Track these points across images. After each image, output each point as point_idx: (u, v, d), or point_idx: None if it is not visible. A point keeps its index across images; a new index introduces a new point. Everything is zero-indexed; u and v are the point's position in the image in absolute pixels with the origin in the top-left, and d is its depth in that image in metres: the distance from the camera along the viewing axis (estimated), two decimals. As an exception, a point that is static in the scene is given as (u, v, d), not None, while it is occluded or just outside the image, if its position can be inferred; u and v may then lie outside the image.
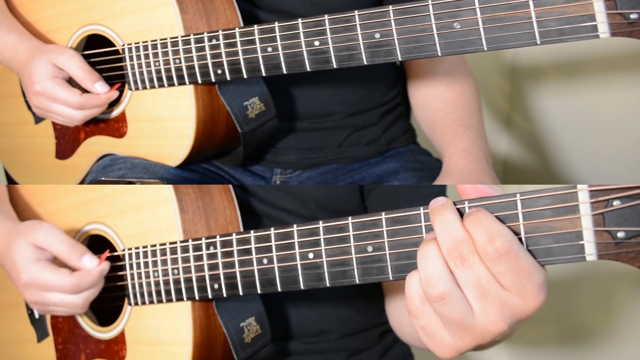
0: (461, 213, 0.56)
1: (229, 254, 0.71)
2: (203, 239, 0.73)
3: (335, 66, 0.75)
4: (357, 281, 0.62)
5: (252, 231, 0.69)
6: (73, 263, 0.78)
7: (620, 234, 0.52)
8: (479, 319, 0.55)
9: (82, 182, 0.99)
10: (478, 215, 0.54)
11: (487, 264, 0.53)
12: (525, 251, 0.54)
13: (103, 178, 0.89)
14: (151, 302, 0.78)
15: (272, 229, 0.67)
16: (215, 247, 0.72)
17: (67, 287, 0.77)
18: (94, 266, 0.78)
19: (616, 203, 0.52)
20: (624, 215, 0.52)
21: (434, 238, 0.56)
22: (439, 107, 1.00)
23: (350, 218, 0.62)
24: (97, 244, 0.86)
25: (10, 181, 1.11)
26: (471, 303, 0.55)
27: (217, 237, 0.72)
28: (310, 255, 0.65)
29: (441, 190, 0.91)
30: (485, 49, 0.67)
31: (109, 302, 0.85)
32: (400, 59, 0.72)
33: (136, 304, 0.80)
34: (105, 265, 0.79)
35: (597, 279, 1.28)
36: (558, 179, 1.48)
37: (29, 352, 0.91)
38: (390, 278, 0.61)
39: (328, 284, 0.64)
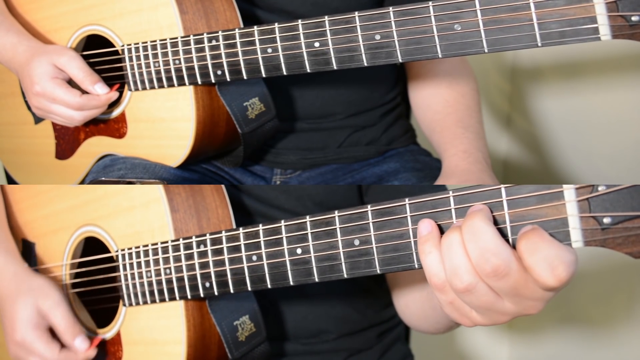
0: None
1: (219, 252, 0.71)
2: (194, 237, 0.73)
3: (335, 67, 0.75)
4: (345, 275, 0.62)
5: (240, 228, 0.69)
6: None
7: (606, 220, 0.51)
8: (509, 308, 0.54)
9: (82, 183, 0.99)
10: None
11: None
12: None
13: (103, 178, 0.89)
14: (145, 302, 0.78)
15: (260, 225, 0.67)
16: (205, 245, 0.72)
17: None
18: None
19: (601, 188, 0.51)
20: (610, 201, 0.51)
21: (460, 226, 0.54)
22: (438, 108, 1.00)
23: (337, 212, 0.62)
24: (93, 245, 0.86)
25: (11, 181, 1.11)
26: (501, 296, 0.54)
27: (207, 235, 0.72)
28: (299, 251, 0.65)
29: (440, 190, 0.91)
30: (486, 50, 0.66)
31: (105, 303, 0.84)
32: (400, 60, 0.71)
33: (131, 304, 0.80)
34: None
35: (597, 271, 1.28)
36: (558, 179, 1.48)
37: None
38: (378, 271, 0.60)
39: (317, 279, 0.64)
